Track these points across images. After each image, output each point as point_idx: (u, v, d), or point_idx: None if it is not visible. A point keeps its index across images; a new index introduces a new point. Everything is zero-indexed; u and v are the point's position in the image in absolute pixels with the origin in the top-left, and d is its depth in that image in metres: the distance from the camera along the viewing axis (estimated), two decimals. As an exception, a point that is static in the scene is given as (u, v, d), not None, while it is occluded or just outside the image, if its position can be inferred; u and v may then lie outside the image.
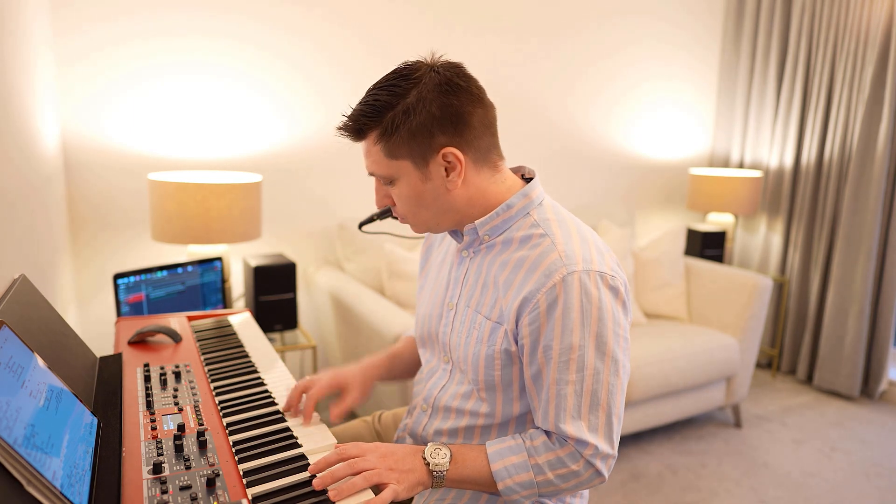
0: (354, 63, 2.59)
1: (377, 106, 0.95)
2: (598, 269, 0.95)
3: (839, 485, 2.35)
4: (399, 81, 0.96)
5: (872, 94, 2.92)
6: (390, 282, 2.43)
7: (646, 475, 2.38)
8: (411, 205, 1.02)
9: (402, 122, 0.94)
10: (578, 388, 0.95)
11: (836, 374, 3.11)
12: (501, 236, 1.04)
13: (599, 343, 0.94)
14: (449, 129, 0.96)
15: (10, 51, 1.40)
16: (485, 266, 1.05)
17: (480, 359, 1.03)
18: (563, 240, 0.98)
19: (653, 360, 2.41)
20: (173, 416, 1.01)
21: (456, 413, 1.09)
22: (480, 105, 0.99)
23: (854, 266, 3.03)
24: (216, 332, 1.45)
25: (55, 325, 1.14)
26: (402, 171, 0.98)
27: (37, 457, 0.70)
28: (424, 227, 1.06)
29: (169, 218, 1.97)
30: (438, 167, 0.98)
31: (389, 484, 0.88)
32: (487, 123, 1.00)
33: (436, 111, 0.94)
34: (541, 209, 1.04)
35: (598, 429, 0.96)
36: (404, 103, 0.94)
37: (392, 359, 1.28)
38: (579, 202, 3.29)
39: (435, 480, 0.95)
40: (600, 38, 3.18)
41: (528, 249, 1.00)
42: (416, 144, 0.96)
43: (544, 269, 0.96)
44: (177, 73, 2.29)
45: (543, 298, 0.94)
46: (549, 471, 0.96)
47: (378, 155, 0.98)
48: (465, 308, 1.07)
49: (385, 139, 0.96)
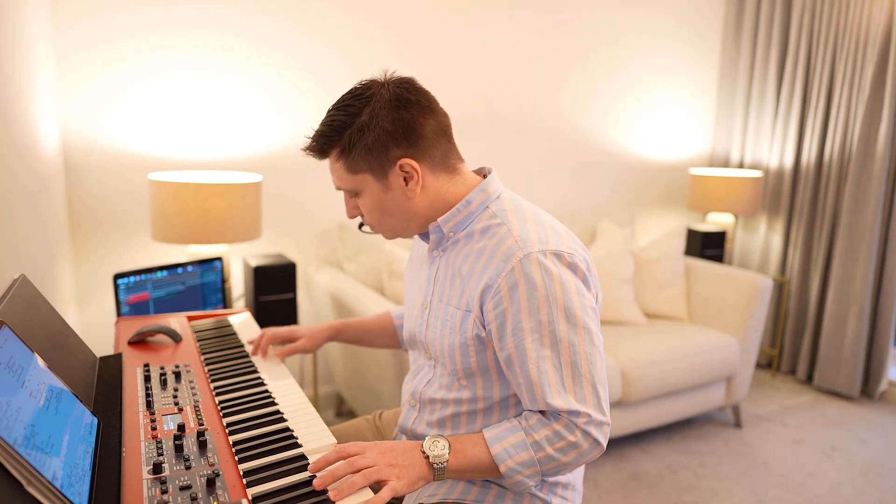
0: (355, 62, 2.59)
1: (334, 126, 1.03)
2: (555, 249, 1.00)
3: (839, 485, 2.35)
4: (353, 101, 1.03)
5: (872, 93, 2.92)
6: (390, 282, 2.43)
7: (646, 475, 2.38)
8: (377, 214, 1.09)
9: (358, 140, 1.01)
10: (556, 361, 0.97)
11: (836, 374, 3.11)
12: (464, 231, 1.09)
13: (569, 316, 0.98)
14: (403, 142, 1.02)
15: (10, 50, 1.40)
16: (450, 261, 1.10)
17: (455, 347, 1.07)
18: (518, 226, 1.03)
19: (653, 360, 2.41)
20: (173, 416, 1.01)
21: (441, 403, 1.13)
22: (432, 115, 1.05)
23: (854, 266, 3.03)
24: (216, 332, 1.46)
25: (55, 325, 1.14)
26: (364, 183, 1.05)
27: (37, 457, 0.70)
28: (392, 233, 1.13)
29: (169, 218, 1.97)
30: (397, 177, 1.04)
31: (389, 481, 0.89)
32: (441, 131, 1.06)
33: (388, 126, 1.01)
34: (498, 202, 1.09)
35: (585, 399, 0.98)
36: (359, 122, 1.01)
37: (346, 324, 1.44)
38: (579, 202, 3.29)
39: (436, 473, 0.96)
40: (600, 39, 3.18)
41: (487, 239, 1.05)
42: (373, 159, 1.02)
43: (502, 254, 1.00)
44: (176, 74, 2.29)
45: (504, 282, 0.98)
46: (547, 446, 0.97)
47: (340, 171, 1.05)
48: (439, 303, 1.12)
49: (345, 156, 1.03)
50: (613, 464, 2.44)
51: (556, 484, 1.12)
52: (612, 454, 2.51)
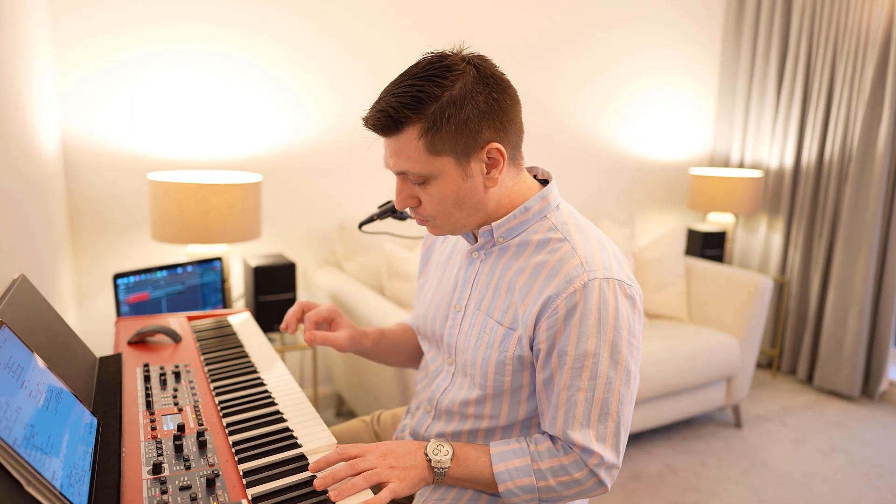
0: (355, 62, 2.59)
1: (420, 97, 0.89)
2: (618, 278, 0.95)
3: (839, 485, 2.35)
4: (441, 72, 0.90)
5: (872, 94, 2.92)
6: (390, 282, 2.43)
7: (646, 475, 2.38)
8: (446, 205, 0.96)
9: (450, 116, 0.89)
10: (590, 395, 0.93)
11: (836, 374, 3.11)
12: (517, 239, 1.02)
13: (614, 352, 0.93)
14: (495, 124, 0.92)
15: (10, 50, 1.40)
16: (498, 269, 1.03)
17: (491, 364, 1.01)
18: (582, 245, 0.96)
19: (653, 360, 2.41)
20: (173, 417, 1.01)
21: (459, 417, 1.08)
22: (516, 101, 0.96)
23: (854, 266, 3.03)
24: (216, 333, 1.45)
25: (55, 325, 1.14)
26: (443, 168, 0.93)
27: (36, 457, 0.70)
28: (450, 228, 1.01)
29: (169, 218, 1.97)
30: (479, 164, 0.94)
31: (389, 483, 0.88)
32: (521, 122, 0.98)
33: (482, 104, 0.90)
34: (558, 213, 1.02)
35: (605, 438, 0.95)
36: (450, 95, 0.89)
37: (381, 335, 1.28)
38: (579, 202, 3.29)
39: (436, 477, 0.95)
40: (600, 39, 3.18)
41: (546, 254, 0.98)
42: (461, 139, 0.91)
43: (565, 274, 0.94)
44: (176, 74, 2.29)
45: (563, 304, 0.93)
46: (551, 477, 0.95)
47: (417, 151, 0.91)
48: (476, 311, 1.05)
49: (430, 134, 0.90)
50: (613, 464, 2.44)
51: None
52: (613, 454, 2.51)
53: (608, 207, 3.36)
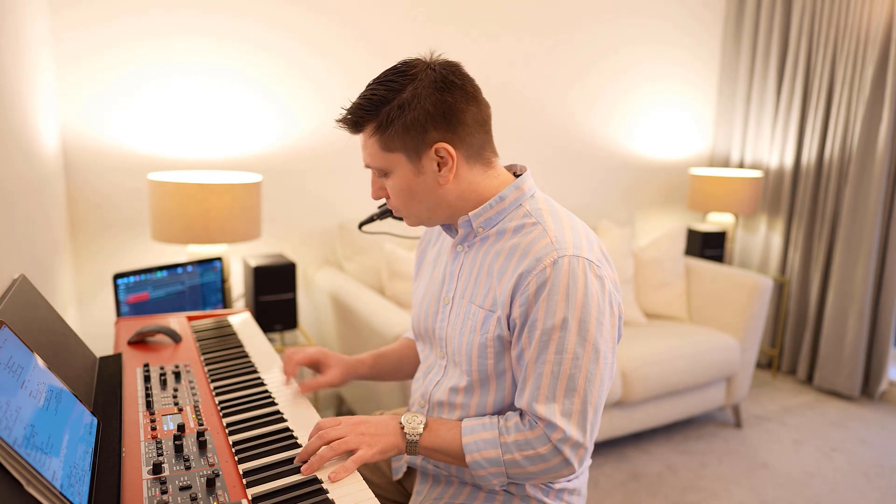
0: (353, 62, 2.59)
1: (374, 100, 0.99)
2: (587, 257, 0.98)
3: (839, 485, 2.35)
4: (396, 77, 0.99)
5: (872, 94, 2.92)
6: (390, 282, 2.43)
7: (646, 475, 2.38)
8: (404, 197, 1.04)
9: (396, 117, 0.97)
10: (556, 369, 0.96)
11: (836, 374, 3.11)
12: (495, 228, 1.06)
13: (581, 328, 0.96)
14: (442, 125, 0.98)
15: (10, 50, 1.40)
16: (479, 258, 1.07)
17: (474, 347, 1.04)
18: (554, 227, 1.01)
19: (653, 360, 2.41)
20: (173, 417, 1.01)
21: (449, 407, 1.11)
22: (475, 103, 1.02)
23: (854, 266, 3.03)
24: (216, 333, 1.45)
25: (55, 325, 1.14)
26: (396, 163, 1.01)
27: (36, 457, 0.70)
28: (417, 220, 1.09)
29: (169, 218, 1.97)
30: (431, 161, 1.00)
31: (358, 449, 0.93)
32: (481, 121, 1.03)
33: (429, 107, 0.97)
34: (533, 200, 1.07)
35: (570, 414, 0.96)
36: (400, 98, 0.98)
37: (377, 358, 1.33)
38: (579, 202, 3.29)
39: (409, 446, 1.00)
40: (600, 38, 3.18)
41: (520, 237, 1.03)
42: (409, 138, 0.99)
43: (535, 252, 0.98)
44: (176, 73, 2.29)
45: (534, 280, 0.97)
46: (516, 451, 0.98)
47: (374, 147, 1.01)
48: (461, 300, 1.09)
49: (380, 132, 0.99)
50: (613, 464, 2.44)
51: (563, 490, 1.12)
52: (612, 454, 2.51)
53: (608, 207, 3.35)
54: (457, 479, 1.13)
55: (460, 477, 1.12)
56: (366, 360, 1.30)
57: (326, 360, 1.26)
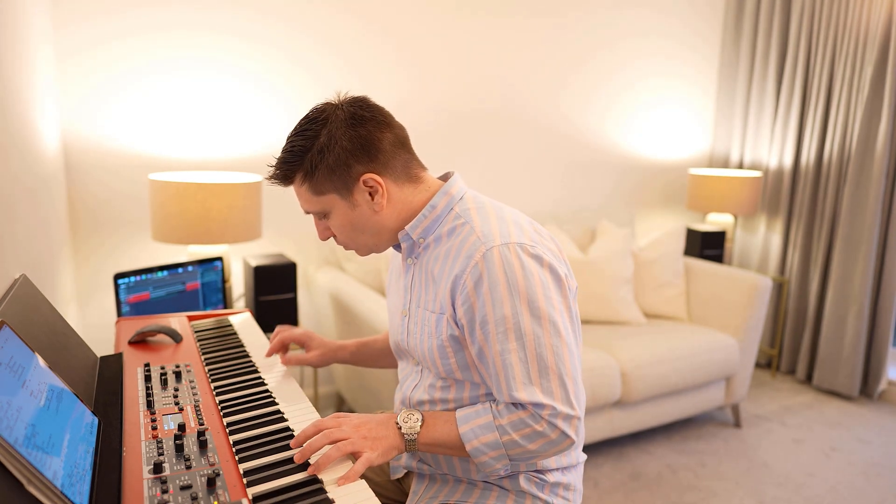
0: (355, 62, 2.59)
1: (295, 151, 1.04)
2: (517, 241, 1.01)
3: (839, 485, 2.35)
4: (310, 125, 1.04)
5: (872, 93, 2.92)
6: (390, 282, 2.44)
7: (646, 475, 2.38)
8: (348, 232, 1.10)
9: (319, 161, 1.02)
10: (522, 354, 0.98)
11: (835, 373, 3.11)
12: (433, 235, 1.10)
13: (532, 309, 0.98)
14: (363, 158, 1.03)
15: (10, 49, 1.41)
16: (426, 266, 1.11)
17: (434, 350, 1.08)
18: (480, 223, 1.05)
19: (653, 360, 2.41)
20: (174, 416, 1.02)
21: (429, 404, 1.14)
22: (388, 129, 1.06)
23: (853, 266, 3.03)
24: (216, 332, 1.46)
25: (56, 324, 1.15)
26: (331, 204, 1.06)
27: (37, 456, 0.70)
28: (366, 249, 1.14)
29: (169, 218, 1.97)
30: (362, 193, 1.05)
31: (364, 452, 0.94)
32: (399, 143, 1.08)
33: (347, 144, 1.02)
34: (462, 202, 1.11)
35: (552, 391, 0.98)
36: (318, 144, 1.03)
37: (361, 346, 1.40)
38: (579, 202, 3.29)
39: (408, 444, 1.02)
40: (600, 37, 3.19)
41: (453, 239, 1.07)
42: (336, 178, 1.03)
43: (466, 251, 1.02)
44: (176, 74, 2.29)
45: (469, 278, 1.00)
46: (512, 431, 0.99)
47: (306, 194, 1.07)
48: (416, 309, 1.13)
49: (309, 179, 1.04)
50: (613, 464, 2.44)
51: (558, 485, 1.13)
52: (612, 454, 2.51)
53: (608, 208, 3.36)
54: (451, 477, 1.15)
55: (454, 475, 1.14)
56: (348, 346, 1.39)
57: (310, 341, 1.36)
